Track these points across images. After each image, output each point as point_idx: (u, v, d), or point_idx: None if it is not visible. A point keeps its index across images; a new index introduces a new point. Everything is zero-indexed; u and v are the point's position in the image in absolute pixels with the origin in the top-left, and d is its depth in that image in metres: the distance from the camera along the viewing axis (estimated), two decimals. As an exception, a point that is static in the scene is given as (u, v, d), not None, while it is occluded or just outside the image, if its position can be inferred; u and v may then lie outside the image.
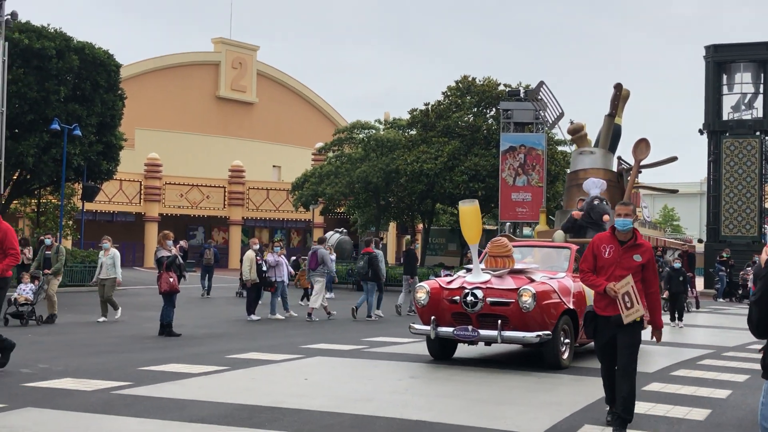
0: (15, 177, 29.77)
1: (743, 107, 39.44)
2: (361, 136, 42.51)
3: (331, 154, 43.60)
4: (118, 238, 51.29)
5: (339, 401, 8.56)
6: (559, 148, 37.44)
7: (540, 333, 10.59)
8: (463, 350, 12.37)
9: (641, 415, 8.17)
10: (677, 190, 21.09)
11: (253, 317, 18.61)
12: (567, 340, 11.27)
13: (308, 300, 24.77)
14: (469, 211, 12.11)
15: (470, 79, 37.80)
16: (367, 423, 7.48)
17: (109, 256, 18.00)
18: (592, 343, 11.19)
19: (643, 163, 16.06)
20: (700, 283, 33.24)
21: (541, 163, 32.07)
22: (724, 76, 39.61)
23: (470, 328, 10.88)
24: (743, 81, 39.50)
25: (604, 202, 14.93)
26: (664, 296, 23.54)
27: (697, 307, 25.36)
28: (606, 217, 14.42)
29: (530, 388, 9.71)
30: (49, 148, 28.54)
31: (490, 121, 37.15)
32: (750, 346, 14.84)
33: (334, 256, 27.14)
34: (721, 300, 32.02)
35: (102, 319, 17.55)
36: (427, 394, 9.12)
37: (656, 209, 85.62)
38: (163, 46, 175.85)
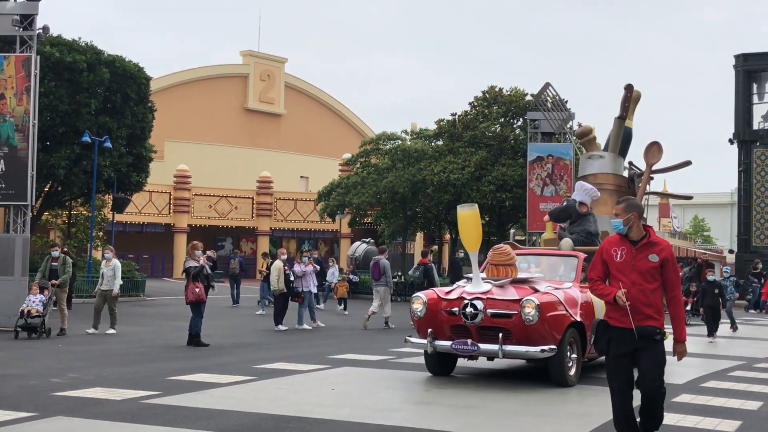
0: (46, 189, 30.07)
1: (774, 116, 39.04)
2: (387, 146, 42.54)
3: (358, 165, 43.68)
4: (148, 249, 52.28)
5: (366, 411, 8.57)
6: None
7: (544, 347, 9.78)
8: (465, 364, 11.75)
9: (670, 426, 8.09)
10: (692, 197, 20.47)
11: (281, 327, 18.66)
12: (574, 355, 10.46)
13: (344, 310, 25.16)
14: (468, 216, 11.12)
15: (497, 89, 37.68)
16: (393, 433, 7.47)
17: (110, 267, 17.36)
18: (602, 358, 10.97)
19: (655, 167, 15.22)
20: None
21: (569, 173, 31.86)
22: (755, 86, 39.29)
23: (470, 341, 10.06)
24: (774, 90, 39.10)
25: (577, 205, 13.77)
26: (699, 311, 23.05)
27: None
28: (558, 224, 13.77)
29: (556, 400, 9.63)
30: (79, 160, 28.82)
31: (517, 131, 36.99)
32: (782, 357, 14.67)
33: (336, 268, 27.37)
34: (752, 311, 31.64)
35: (90, 331, 16.81)
36: (454, 405, 9.09)
37: (686, 220, 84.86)
38: (193, 59, 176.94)
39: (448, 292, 10.68)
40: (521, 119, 36.34)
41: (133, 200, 39.13)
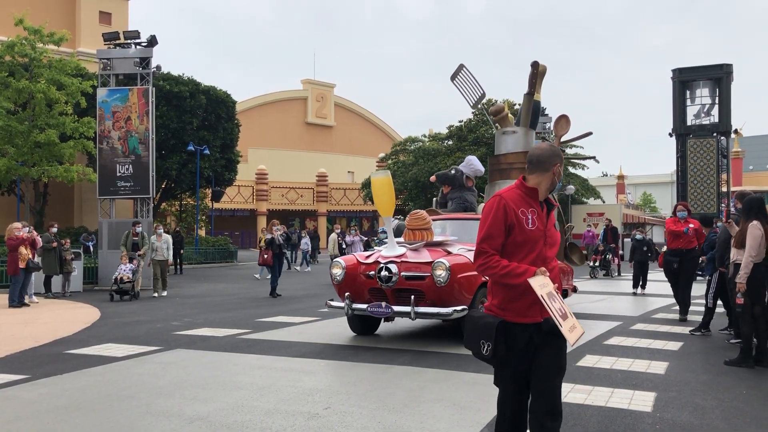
0: (163, 186, 30.40)
1: (703, 115, 38.52)
2: (412, 147, 42.33)
3: (390, 161, 43.54)
4: (238, 228, 52.59)
5: (402, 342, 8.58)
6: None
7: (456, 307, 7.72)
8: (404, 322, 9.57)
9: (630, 347, 8.02)
10: (594, 156, 18.58)
11: (337, 282, 18.69)
12: None
13: None
14: (380, 182, 8.90)
15: (493, 101, 37.29)
16: (423, 356, 7.48)
17: (163, 240, 15.90)
18: None
19: (563, 138, 12.77)
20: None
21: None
22: (687, 92, 38.67)
23: (384, 304, 7.98)
24: (702, 95, 38.55)
25: (456, 171, 11.33)
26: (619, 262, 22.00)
27: (619, 274, 22.17)
28: (445, 189, 11.12)
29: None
30: (186, 164, 29.04)
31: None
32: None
33: (307, 238, 26.95)
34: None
35: (155, 294, 15.55)
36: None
37: (638, 195, 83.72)
38: (265, 86, 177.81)
39: (367, 257, 8.62)
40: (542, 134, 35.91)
41: (226, 192, 39.40)
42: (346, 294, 8.34)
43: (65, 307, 13.29)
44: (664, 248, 11.00)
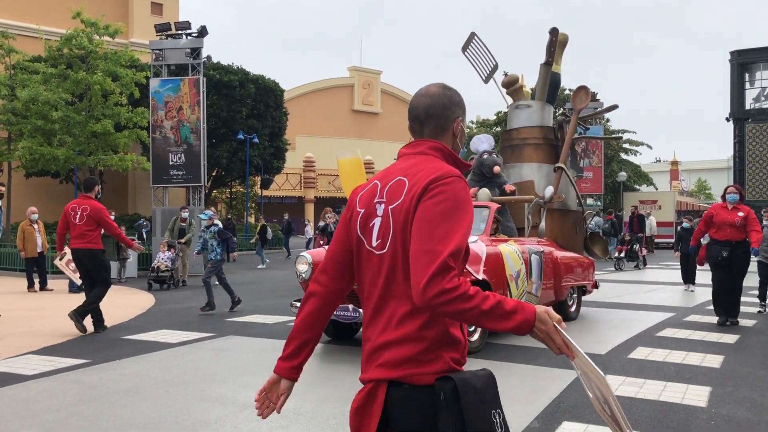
0: (213, 174, 30.93)
1: (763, 98, 37.19)
2: (459, 134, 42.12)
3: (437, 148, 43.43)
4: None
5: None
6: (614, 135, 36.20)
7: None
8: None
9: (683, 339, 7.86)
10: (621, 137, 16.77)
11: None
12: None
13: None
14: (347, 163, 7.66)
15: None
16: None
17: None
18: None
19: (582, 113, 11.64)
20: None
21: (600, 148, 30.96)
22: (747, 74, 37.36)
23: (351, 307, 6.86)
24: (763, 77, 37.19)
25: (494, 155, 9.64)
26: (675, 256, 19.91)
27: (644, 264, 20.41)
28: (497, 169, 9.49)
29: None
30: (236, 152, 29.51)
31: (558, 118, 35.98)
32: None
33: (310, 226, 26.50)
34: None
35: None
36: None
37: (692, 181, 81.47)
38: (314, 75, 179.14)
39: None
40: (561, 109, 35.32)
41: (275, 180, 39.88)
42: None
43: (121, 293, 13.71)
44: (706, 240, 9.45)
